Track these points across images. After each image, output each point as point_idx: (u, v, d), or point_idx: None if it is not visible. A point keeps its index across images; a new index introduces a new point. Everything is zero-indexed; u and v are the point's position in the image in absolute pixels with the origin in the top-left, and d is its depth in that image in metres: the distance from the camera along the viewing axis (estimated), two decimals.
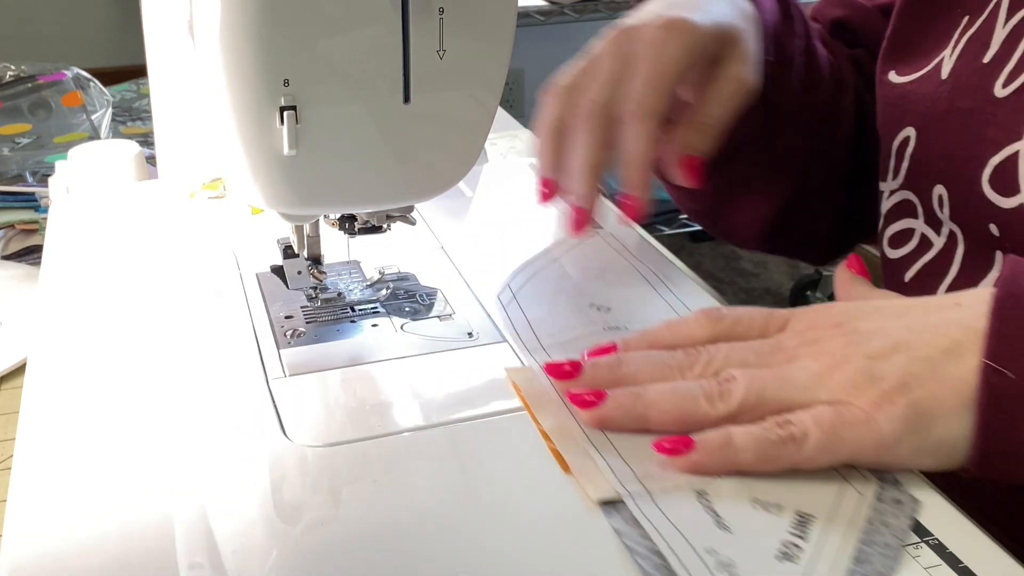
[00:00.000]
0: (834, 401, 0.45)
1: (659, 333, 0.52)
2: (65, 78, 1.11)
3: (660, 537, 0.41)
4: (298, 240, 0.57)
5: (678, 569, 0.39)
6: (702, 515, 0.43)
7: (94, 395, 0.51)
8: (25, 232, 0.88)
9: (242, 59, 0.45)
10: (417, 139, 0.50)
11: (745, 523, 0.42)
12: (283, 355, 0.54)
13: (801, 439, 0.44)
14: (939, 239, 0.61)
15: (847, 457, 0.45)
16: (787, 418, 0.45)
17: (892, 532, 0.42)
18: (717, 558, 0.40)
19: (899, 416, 0.44)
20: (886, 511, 0.43)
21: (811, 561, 0.40)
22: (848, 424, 0.44)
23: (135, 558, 0.41)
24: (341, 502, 0.44)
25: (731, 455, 0.44)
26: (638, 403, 0.47)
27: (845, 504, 0.43)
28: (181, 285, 0.62)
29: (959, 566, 0.40)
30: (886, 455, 0.44)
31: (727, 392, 0.46)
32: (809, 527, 0.42)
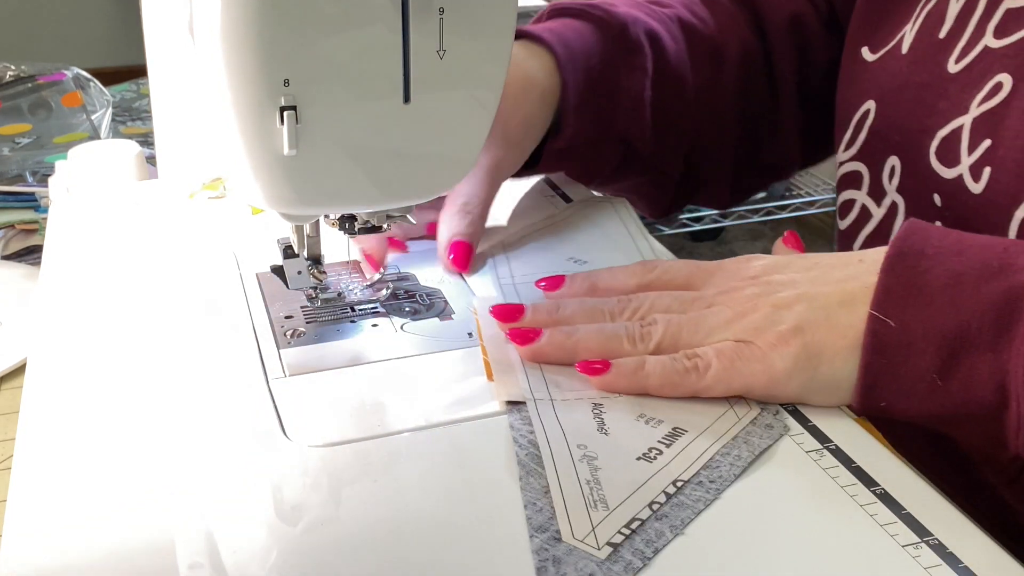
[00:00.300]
0: (739, 341, 0.50)
1: (600, 275, 0.58)
2: (65, 78, 1.11)
3: (543, 431, 0.47)
4: (298, 240, 0.57)
5: (546, 456, 0.45)
6: (589, 420, 0.48)
7: (94, 395, 0.51)
8: (25, 232, 0.88)
9: (242, 59, 0.45)
10: (417, 139, 0.50)
11: (624, 431, 0.48)
12: (283, 355, 0.54)
13: (704, 369, 0.50)
14: (879, 210, 0.64)
15: (741, 388, 0.50)
16: (695, 351, 0.50)
17: (749, 448, 0.47)
18: (584, 452, 0.46)
19: (791, 354, 0.49)
20: (754, 432, 0.48)
21: (665, 462, 0.46)
22: (745, 359, 0.49)
23: (135, 558, 0.41)
24: (341, 502, 0.44)
25: (640, 379, 0.50)
26: (568, 340, 0.52)
27: (720, 424, 0.48)
28: (181, 285, 0.62)
29: (959, 566, 0.40)
30: (776, 388, 0.50)
31: (647, 334, 0.52)
32: (678, 438, 0.47)
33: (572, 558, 0.40)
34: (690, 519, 0.43)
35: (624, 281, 0.57)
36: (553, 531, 0.42)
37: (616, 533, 0.41)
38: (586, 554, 0.40)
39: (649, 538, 0.41)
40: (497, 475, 0.45)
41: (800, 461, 0.47)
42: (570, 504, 0.43)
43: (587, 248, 0.67)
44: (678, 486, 0.44)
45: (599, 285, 0.58)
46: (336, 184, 0.50)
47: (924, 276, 0.48)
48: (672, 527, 0.42)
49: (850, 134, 0.68)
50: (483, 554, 0.41)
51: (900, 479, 0.45)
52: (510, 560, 0.41)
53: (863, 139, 0.67)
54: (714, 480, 0.45)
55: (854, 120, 0.68)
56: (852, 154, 0.68)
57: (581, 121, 0.69)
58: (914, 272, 0.48)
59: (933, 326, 0.47)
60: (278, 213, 0.53)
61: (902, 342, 0.47)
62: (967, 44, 0.60)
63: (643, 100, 0.70)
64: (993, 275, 0.46)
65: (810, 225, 2.89)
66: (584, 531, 0.41)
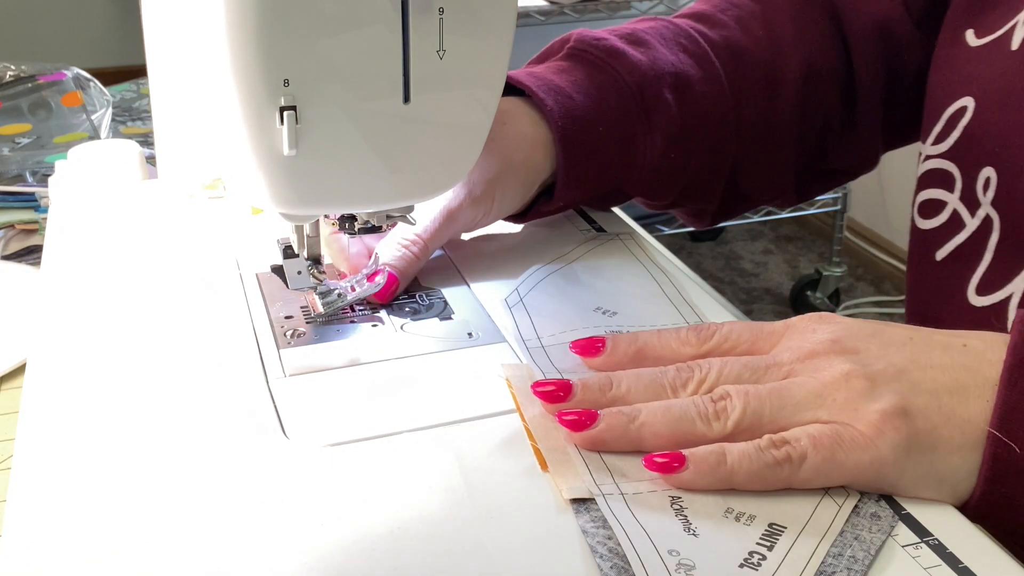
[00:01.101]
0: (833, 422, 0.43)
1: (647, 341, 0.50)
2: (65, 78, 1.11)
3: (625, 535, 0.41)
4: (298, 240, 0.57)
5: (636, 567, 0.39)
6: (672, 519, 0.42)
7: (94, 395, 0.51)
8: (25, 232, 0.88)
9: (243, 59, 0.45)
10: (417, 139, 0.50)
11: (714, 530, 0.42)
12: (283, 355, 0.54)
13: (798, 461, 0.43)
14: (972, 220, 0.58)
15: (845, 481, 0.44)
16: (784, 437, 0.43)
17: (862, 546, 0.41)
18: (679, 559, 0.40)
19: (902, 443, 0.43)
20: (861, 524, 0.42)
21: (771, 568, 0.40)
22: (847, 448, 0.43)
23: (134, 558, 0.41)
24: (341, 502, 0.44)
25: (724, 474, 0.43)
26: (632, 425, 0.45)
27: (819, 516, 0.43)
28: (181, 285, 0.62)
29: (959, 566, 0.40)
30: (885, 481, 0.43)
31: (723, 411, 0.45)
32: (778, 537, 0.41)
33: None
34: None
35: (677, 349, 0.50)
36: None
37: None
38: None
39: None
40: (497, 475, 0.45)
41: None
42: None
43: (612, 295, 0.60)
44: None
45: (648, 353, 0.50)
46: (336, 184, 0.50)
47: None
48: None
49: (940, 128, 0.61)
50: (483, 553, 0.41)
51: None
52: (510, 559, 0.41)
53: (956, 138, 0.59)
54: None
55: (947, 114, 0.60)
56: (942, 151, 0.60)
57: (575, 192, 0.65)
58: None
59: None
60: (278, 213, 0.53)
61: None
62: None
63: (660, 160, 0.67)
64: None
65: (810, 225, 2.89)
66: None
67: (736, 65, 0.70)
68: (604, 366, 0.51)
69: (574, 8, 2.10)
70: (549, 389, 0.48)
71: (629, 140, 0.66)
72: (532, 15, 2.13)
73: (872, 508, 0.43)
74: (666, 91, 0.66)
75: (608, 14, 2.14)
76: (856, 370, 0.44)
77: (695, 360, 0.48)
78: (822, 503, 0.43)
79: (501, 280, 0.63)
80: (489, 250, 0.67)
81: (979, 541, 0.42)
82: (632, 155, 0.66)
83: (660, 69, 0.66)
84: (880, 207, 2.65)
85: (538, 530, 0.42)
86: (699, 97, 0.68)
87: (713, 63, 0.69)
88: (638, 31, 0.69)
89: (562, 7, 2.08)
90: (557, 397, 0.48)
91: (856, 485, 0.44)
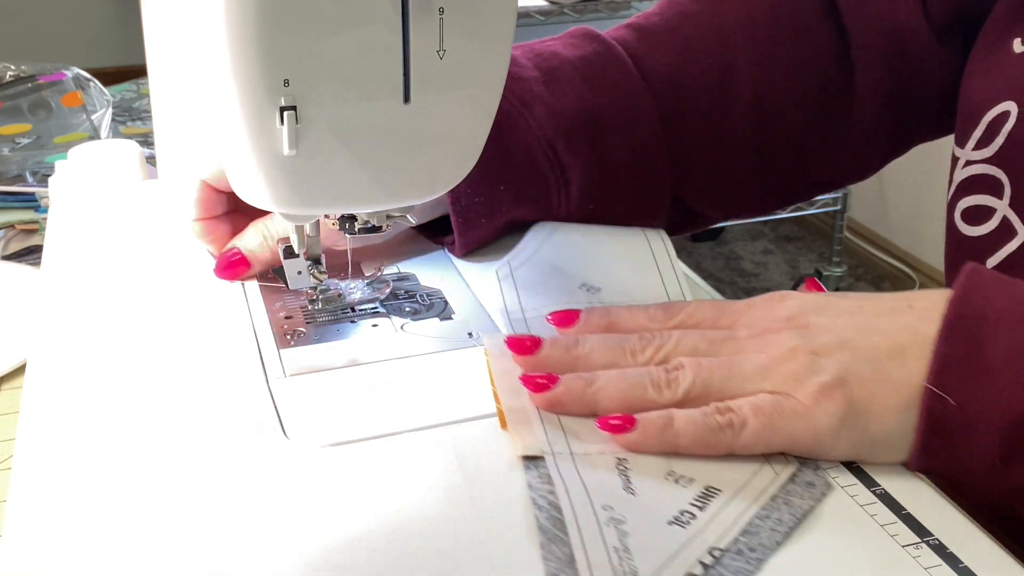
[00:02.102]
0: (777, 392, 0.46)
1: (618, 314, 0.54)
2: (65, 78, 1.11)
3: (564, 490, 0.43)
4: (298, 240, 0.57)
5: (569, 521, 0.41)
6: (614, 479, 0.44)
7: (94, 395, 0.51)
8: (25, 232, 0.88)
9: (243, 59, 0.45)
10: (417, 139, 0.50)
11: (652, 490, 0.44)
12: (283, 355, 0.54)
13: (739, 427, 0.45)
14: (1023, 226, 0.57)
15: (782, 447, 0.46)
16: (728, 405, 0.46)
17: (790, 510, 0.43)
18: (611, 514, 0.42)
19: (837, 412, 0.45)
20: (794, 491, 0.44)
21: (699, 528, 0.42)
22: (786, 415, 0.45)
23: (134, 558, 0.41)
24: (341, 502, 0.44)
25: (670, 438, 0.46)
26: (588, 389, 0.48)
27: (756, 482, 0.45)
28: (181, 285, 0.62)
29: (959, 566, 0.40)
30: (821, 448, 0.46)
31: (675, 380, 0.48)
32: (711, 499, 0.43)
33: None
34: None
35: (645, 324, 0.53)
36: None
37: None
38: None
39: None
40: (497, 475, 0.45)
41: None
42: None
43: (603, 274, 0.62)
44: (715, 556, 0.40)
45: (618, 325, 0.53)
46: (336, 184, 0.50)
47: (986, 347, 0.44)
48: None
49: (981, 133, 0.60)
50: (483, 553, 0.41)
51: (900, 479, 0.45)
52: (510, 558, 0.41)
53: (1001, 143, 0.58)
54: (754, 548, 0.41)
55: (986, 119, 0.59)
56: (986, 156, 0.59)
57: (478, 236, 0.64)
58: (974, 342, 0.44)
59: (996, 407, 0.43)
60: (278, 213, 0.53)
61: (963, 422, 0.44)
62: None
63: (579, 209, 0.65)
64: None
65: (810, 225, 2.89)
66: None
67: (673, 94, 0.67)
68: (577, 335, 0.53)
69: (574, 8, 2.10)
70: (520, 342, 0.52)
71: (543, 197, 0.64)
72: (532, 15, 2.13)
73: (808, 477, 0.45)
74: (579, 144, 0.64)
75: (608, 14, 2.14)
76: (802, 345, 0.47)
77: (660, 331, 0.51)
78: (761, 471, 0.45)
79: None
80: (489, 250, 0.67)
81: (979, 541, 0.42)
82: (547, 210, 0.65)
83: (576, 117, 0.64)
84: (880, 207, 2.65)
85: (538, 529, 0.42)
86: (619, 141, 0.65)
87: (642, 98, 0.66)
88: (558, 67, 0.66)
89: (562, 7, 2.08)
90: (526, 348, 0.51)
91: (794, 451, 0.46)
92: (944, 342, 0.44)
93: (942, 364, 0.44)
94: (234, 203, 0.63)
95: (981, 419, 0.43)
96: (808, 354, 0.46)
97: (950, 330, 0.45)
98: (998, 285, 0.46)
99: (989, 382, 0.43)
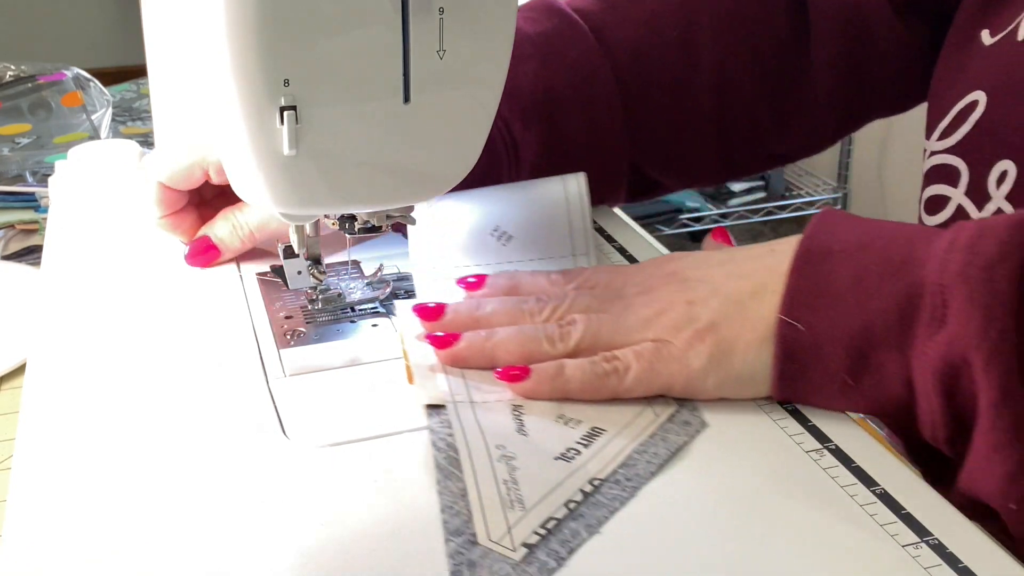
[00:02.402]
0: (657, 340, 0.50)
1: (522, 278, 0.57)
2: (65, 78, 1.11)
3: (461, 432, 0.47)
4: (298, 240, 0.57)
5: (464, 459, 0.45)
6: (509, 422, 0.48)
7: (94, 395, 0.51)
8: (25, 232, 0.88)
9: (243, 59, 0.45)
10: (417, 139, 0.50)
11: (543, 431, 0.48)
12: (283, 355, 0.54)
13: (623, 372, 0.50)
14: (979, 215, 0.58)
15: (661, 388, 0.50)
16: (614, 353, 0.50)
17: (666, 445, 0.47)
18: (503, 452, 0.46)
19: (706, 352, 0.49)
20: (671, 429, 0.48)
21: (582, 462, 0.46)
22: (664, 359, 0.50)
23: (134, 558, 0.41)
24: (341, 502, 0.44)
25: (560, 384, 0.50)
26: (487, 343, 0.52)
27: (638, 422, 0.49)
28: (181, 285, 0.62)
29: (959, 566, 0.40)
30: (693, 387, 0.50)
31: (566, 334, 0.52)
32: (596, 438, 0.47)
33: (487, 561, 0.40)
34: (606, 518, 0.43)
35: (546, 287, 0.56)
36: (469, 534, 0.41)
37: (532, 534, 0.41)
38: (501, 557, 0.40)
39: (565, 538, 0.41)
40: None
41: (800, 461, 0.47)
42: (487, 505, 0.43)
43: (515, 224, 0.63)
44: (595, 485, 0.44)
45: (520, 288, 0.57)
46: (336, 184, 0.50)
47: (830, 276, 0.48)
48: (588, 526, 0.42)
49: (947, 123, 0.61)
50: None
51: (900, 479, 0.45)
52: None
53: (966, 132, 0.60)
54: (631, 478, 0.45)
55: (955, 110, 0.61)
56: (948, 146, 0.61)
57: None
58: (820, 273, 0.48)
59: (840, 328, 0.47)
60: (278, 213, 0.53)
61: (811, 345, 0.48)
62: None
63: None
64: (895, 271, 0.47)
65: None
66: (500, 532, 0.41)
67: (635, 66, 0.68)
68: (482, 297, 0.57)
69: None
70: (426, 309, 0.55)
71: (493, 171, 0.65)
72: None
73: (685, 416, 0.49)
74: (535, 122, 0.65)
75: None
76: (681, 297, 0.52)
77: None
78: (643, 412, 0.50)
79: None
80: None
81: (979, 541, 0.42)
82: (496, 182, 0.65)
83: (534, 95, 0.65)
84: (880, 205, 2.65)
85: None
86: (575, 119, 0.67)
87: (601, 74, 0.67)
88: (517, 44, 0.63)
89: None
90: (432, 315, 0.55)
91: (672, 392, 0.50)
92: (794, 276, 0.49)
93: (792, 296, 0.48)
94: (197, 196, 0.65)
95: (828, 339, 0.47)
96: (685, 304, 0.51)
97: (799, 265, 0.49)
98: (845, 222, 0.50)
99: (833, 306, 0.47)
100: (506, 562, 0.40)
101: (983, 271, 0.44)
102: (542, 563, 0.40)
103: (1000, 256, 0.44)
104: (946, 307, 0.44)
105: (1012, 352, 0.43)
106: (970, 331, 0.43)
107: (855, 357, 0.47)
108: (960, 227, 0.46)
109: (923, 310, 0.45)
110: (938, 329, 0.45)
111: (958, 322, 0.44)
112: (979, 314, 0.43)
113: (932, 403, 0.46)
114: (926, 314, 0.45)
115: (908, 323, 0.46)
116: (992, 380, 0.43)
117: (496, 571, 0.40)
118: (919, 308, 0.45)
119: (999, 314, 0.43)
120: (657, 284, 0.53)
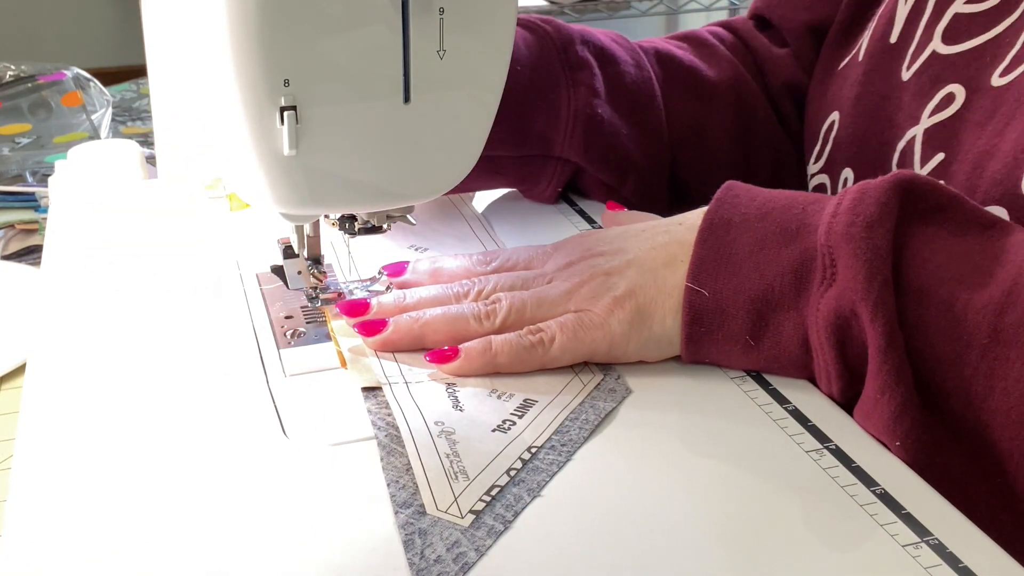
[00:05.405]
0: (578, 310, 0.53)
1: (444, 262, 0.59)
2: (65, 78, 1.11)
3: (400, 412, 0.49)
4: (298, 240, 0.57)
5: (405, 435, 0.47)
6: (444, 399, 0.50)
7: (94, 395, 0.51)
8: (25, 232, 0.88)
9: (242, 59, 0.45)
10: (417, 139, 0.50)
11: (478, 406, 0.50)
12: (283, 355, 0.54)
13: (549, 342, 0.52)
14: None
15: (585, 354, 0.53)
16: (538, 326, 0.53)
17: (595, 411, 0.50)
18: (442, 428, 0.48)
19: (626, 318, 0.52)
20: (599, 396, 0.51)
21: (519, 432, 0.48)
22: (586, 327, 0.52)
23: (134, 558, 0.41)
24: (341, 502, 0.44)
25: (490, 359, 0.52)
26: (415, 325, 0.54)
27: (567, 391, 0.51)
28: (181, 285, 0.62)
29: (959, 566, 0.40)
30: (615, 350, 0.53)
31: (492, 312, 0.54)
32: (529, 409, 0.50)
33: (437, 528, 0.42)
34: (546, 482, 0.45)
35: (468, 269, 0.58)
36: (417, 505, 0.43)
37: (478, 501, 0.43)
38: (450, 523, 0.42)
39: (509, 503, 0.43)
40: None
41: (800, 461, 0.47)
42: (432, 478, 0.45)
43: (427, 237, 0.68)
44: (533, 452, 0.47)
45: (443, 271, 0.59)
46: (336, 184, 0.50)
47: (732, 245, 0.52)
48: (529, 491, 0.44)
49: (819, 146, 0.69)
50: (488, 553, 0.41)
51: (900, 479, 0.45)
52: (509, 557, 0.41)
53: (829, 151, 0.68)
54: (565, 444, 0.47)
55: (822, 131, 0.69)
56: (820, 167, 0.69)
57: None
58: (723, 243, 0.52)
59: (742, 292, 0.51)
60: (278, 213, 0.53)
61: (716, 309, 0.51)
62: (916, 49, 0.60)
63: (588, 121, 0.69)
64: (791, 238, 0.50)
65: None
66: (447, 502, 0.43)
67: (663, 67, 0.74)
68: (405, 283, 0.59)
69: (574, 8, 2.09)
70: (351, 306, 0.56)
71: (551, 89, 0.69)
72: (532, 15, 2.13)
73: (611, 384, 0.52)
74: (591, 57, 0.70)
75: (608, 14, 2.14)
76: (598, 269, 0.54)
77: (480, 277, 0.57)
78: (571, 382, 0.52)
79: None
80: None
81: (979, 541, 0.42)
82: (556, 106, 0.69)
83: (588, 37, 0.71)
84: None
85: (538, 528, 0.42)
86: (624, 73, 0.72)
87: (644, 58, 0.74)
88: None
89: (562, 7, 2.08)
90: (358, 311, 0.56)
91: (596, 358, 0.53)
92: (699, 246, 0.52)
93: (698, 264, 0.52)
94: None
95: (731, 303, 0.51)
96: (603, 275, 0.54)
97: (703, 236, 0.52)
98: (746, 194, 0.54)
99: (734, 272, 0.51)
100: (455, 528, 0.42)
101: (864, 230, 0.48)
102: (490, 527, 0.42)
103: (879, 216, 0.48)
104: (835, 266, 0.48)
105: (893, 302, 0.47)
106: (856, 285, 0.47)
107: (755, 319, 0.51)
108: (845, 192, 0.50)
109: (815, 271, 0.49)
110: (828, 286, 0.48)
111: (845, 278, 0.48)
112: (863, 269, 0.47)
113: (826, 356, 0.49)
114: (818, 275, 0.49)
115: (803, 285, 0.50)
116: (878, 328, 0.46)
117: (447, 537, 0.41)
118: (812, 270, 0.49)
119: (880, 267, 0.47)
120: (575, 259, 0.56)
